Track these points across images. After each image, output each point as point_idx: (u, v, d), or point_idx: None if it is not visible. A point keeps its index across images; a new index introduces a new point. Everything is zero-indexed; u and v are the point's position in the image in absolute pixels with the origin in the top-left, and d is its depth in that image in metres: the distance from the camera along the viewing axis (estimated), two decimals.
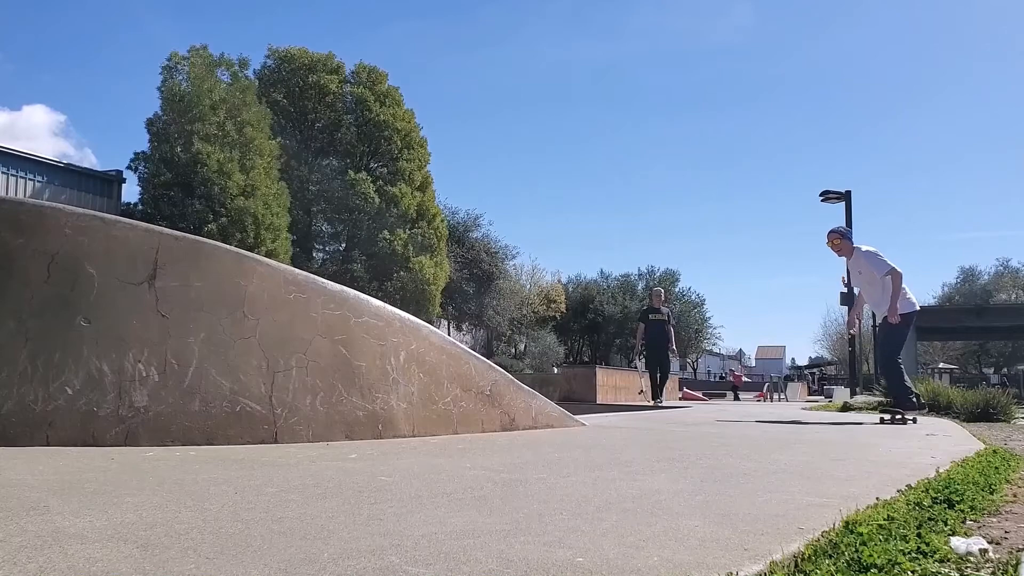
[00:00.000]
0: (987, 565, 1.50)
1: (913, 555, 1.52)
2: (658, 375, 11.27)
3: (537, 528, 1.65)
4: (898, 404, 6.59)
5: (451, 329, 31.87)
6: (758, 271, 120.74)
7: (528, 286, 36.89)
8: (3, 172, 18.84)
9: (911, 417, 6.44)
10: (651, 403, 11.03)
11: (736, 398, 25.34)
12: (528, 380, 8.26)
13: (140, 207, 20.97)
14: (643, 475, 2.61)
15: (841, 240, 6.86)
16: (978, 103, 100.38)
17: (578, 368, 20.94)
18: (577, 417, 4.94)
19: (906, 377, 6.69)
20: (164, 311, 3.21)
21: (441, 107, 79.58)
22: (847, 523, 1.72)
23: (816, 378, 39.70)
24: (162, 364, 3.16)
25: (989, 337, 49.52)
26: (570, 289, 41.78)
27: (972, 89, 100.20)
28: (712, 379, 57.22)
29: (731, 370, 36.57)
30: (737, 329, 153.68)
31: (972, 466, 2.97)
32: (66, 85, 73.07)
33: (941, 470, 2.77)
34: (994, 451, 3.69)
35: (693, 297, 47.84)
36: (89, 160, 61.42)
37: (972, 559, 1.52)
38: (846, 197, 18.71)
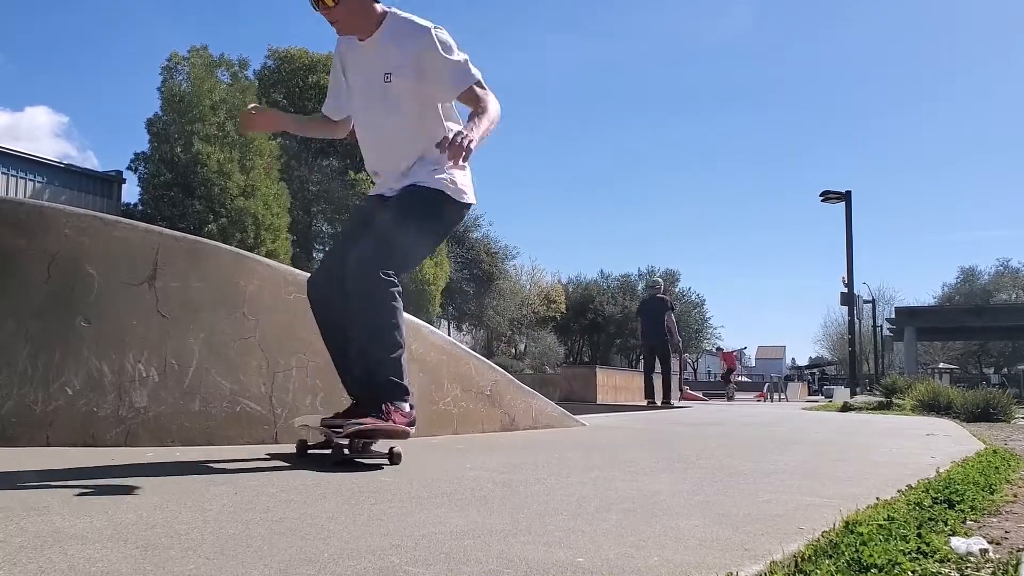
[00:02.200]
0: (987, 565, 1.50)
1: (913, 555, 1.52)
2: (654, 372, 10.74)
3: (537, 528, 1.65)
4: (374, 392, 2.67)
5: (451, 329, 31.87)
6: (758, 271, 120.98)
7: (528, 286, 36.89)
8: (3, 173, 18.84)
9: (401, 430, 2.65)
10: (657, 404, 10.34)
11: (730, 395, 21.12)
12: (528, 380, 8.26)
13: (140, 207, 20.99)
14: (643, 475, 2.61)
15: None
16: (978, 103, 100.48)
17: (578, 368, 20.92)
18: (577, 417, 4.93)
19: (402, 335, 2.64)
20: (164, 311, 3.21)
21: None
22: (847, 523, 1.72)
23: (816, 378, 39.66)
24: (162, 364, 3.16)
25: (989, 337, 49.52)
26: (570, 289, 41.78)
27: (972, 89, 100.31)
28: (712, 379, 57.23)
29: (718, 348, 30.98)
30: (737, 329, 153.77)
31: (972, 466, 2.97)
32: (67, 86, 73.07)
33: (941, 470, 2.77)
34: (994, 451, 3.69)
35: (693, 297, 47.89)
36: (91, 162, 61.30)
37: (972, 559, 1.52)
38: (846, 197, 18.74)
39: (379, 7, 2.75)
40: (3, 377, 2.96)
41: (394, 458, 2.68)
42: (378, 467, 2.59)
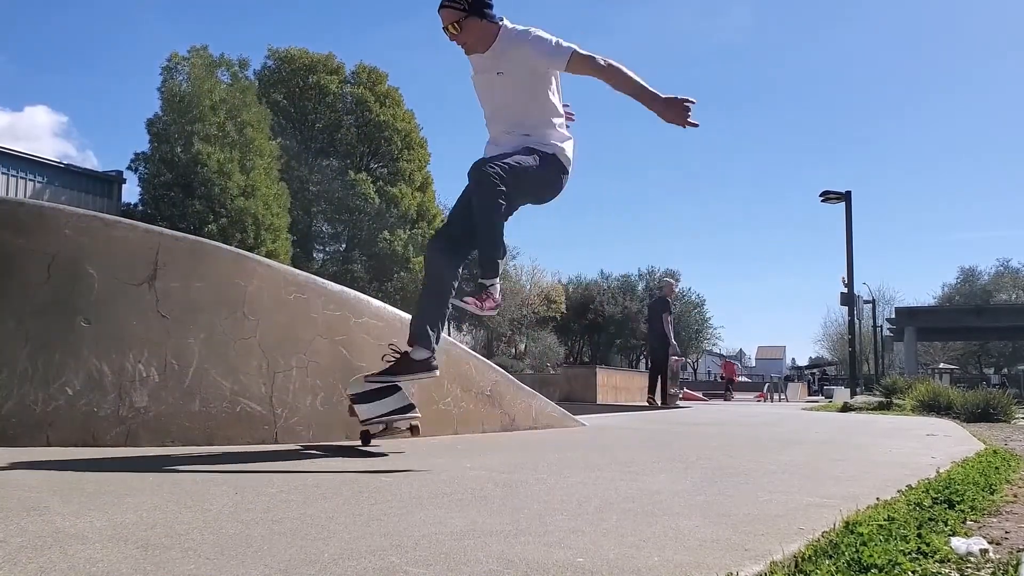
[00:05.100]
0: (987, 565, 1.50)
1: (913, 555, 1.52)
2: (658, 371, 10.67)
3: (537, 528, 1.65)
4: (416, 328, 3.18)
5: (451, 329, 31.86)
6: (758, 271, 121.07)
7: (528, 286, 36.90)
8: (3, 173, 18.85)
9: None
10: (658, 404, 10.27)
11: (727, 399, 21.13)
12: (528, 380, 8.26)
13: (140, 208, 21.01)
14: (643, 475, 2.61)
15: (467, 19, 3.10)
16: (978, 103, 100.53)
17: (578, 368, 20.89)
18: (577, 417, 4.93)
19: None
20: (164, 311, 3.20)
21: (441, 107, 79.66)
22: (847, 523, 1.72)
23: (816, 378, 39.61)
24: (162, 364, 3.15)
25: (989, 337, 49.52)
26: (570, 289, 41.78)
27: (972, 89, 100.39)
28: (713, 379, 57.21)
29: (724, 359, 32.37)
30: (737, 329, 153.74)
31: (972, 466, 2.97)
32: (67, 86, 73.16)
33: (941, 470, 2.77)
34: (994, 451, 3.69)
35: (693, 297, 47.90)
36: (91, 162, 61.32)
37: (972, 559, 1.52)
38: (846, 197, 18.75)
39: (493, 26, 3.21)
40: (3, 377, 2.96)
41: None
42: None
